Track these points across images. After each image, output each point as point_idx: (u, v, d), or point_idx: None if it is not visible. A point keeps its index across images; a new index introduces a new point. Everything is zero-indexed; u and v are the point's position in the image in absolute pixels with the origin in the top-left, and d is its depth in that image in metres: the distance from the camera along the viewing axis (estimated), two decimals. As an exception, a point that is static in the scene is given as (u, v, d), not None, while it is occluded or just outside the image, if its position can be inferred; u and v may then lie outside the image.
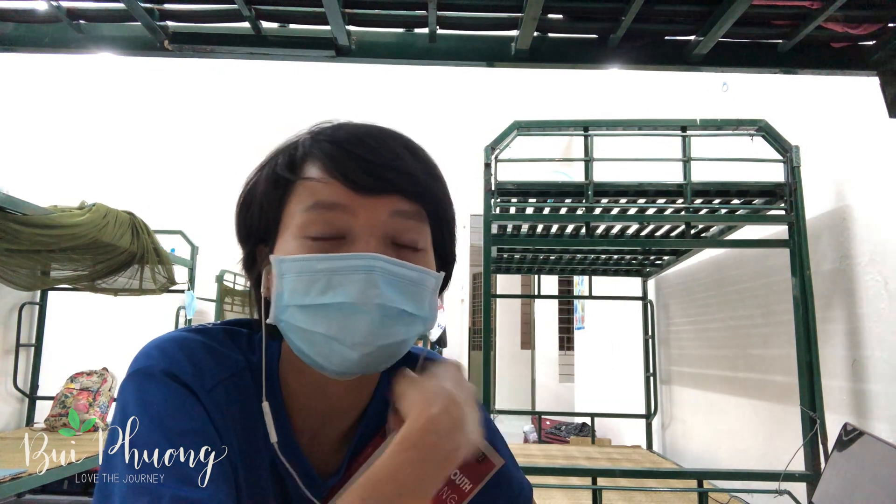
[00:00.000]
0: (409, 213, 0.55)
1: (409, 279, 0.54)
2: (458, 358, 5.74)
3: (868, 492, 1.14)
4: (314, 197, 0.54)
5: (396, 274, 0.53)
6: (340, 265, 0.52)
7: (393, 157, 0.55)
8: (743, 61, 1.51)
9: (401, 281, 0.53)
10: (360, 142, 0.55)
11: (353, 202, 0.53)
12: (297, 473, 0.57)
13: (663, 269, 3.50)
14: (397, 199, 0.54)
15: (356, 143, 0.55)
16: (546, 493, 2.34)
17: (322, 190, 0.54)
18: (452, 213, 0.61)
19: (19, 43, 1.49)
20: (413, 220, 0.55)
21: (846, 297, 1.96)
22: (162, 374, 0.52)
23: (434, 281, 0.57)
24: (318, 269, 0.52)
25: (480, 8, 1.40)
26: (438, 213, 0.58)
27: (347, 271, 0.51)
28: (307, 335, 0.53)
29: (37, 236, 2.48)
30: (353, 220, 0.53)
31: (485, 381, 2.12)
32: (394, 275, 0.52)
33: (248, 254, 0.60)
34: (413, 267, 0.54)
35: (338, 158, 0.54)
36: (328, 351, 0.53)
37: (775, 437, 2.34)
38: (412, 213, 0.55)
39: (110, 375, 3.38)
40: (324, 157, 0.55)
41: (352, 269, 0.51)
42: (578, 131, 2.16)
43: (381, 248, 0.53)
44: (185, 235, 4.01)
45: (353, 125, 0.58)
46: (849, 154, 1.99)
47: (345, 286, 0.51)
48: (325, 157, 0.54)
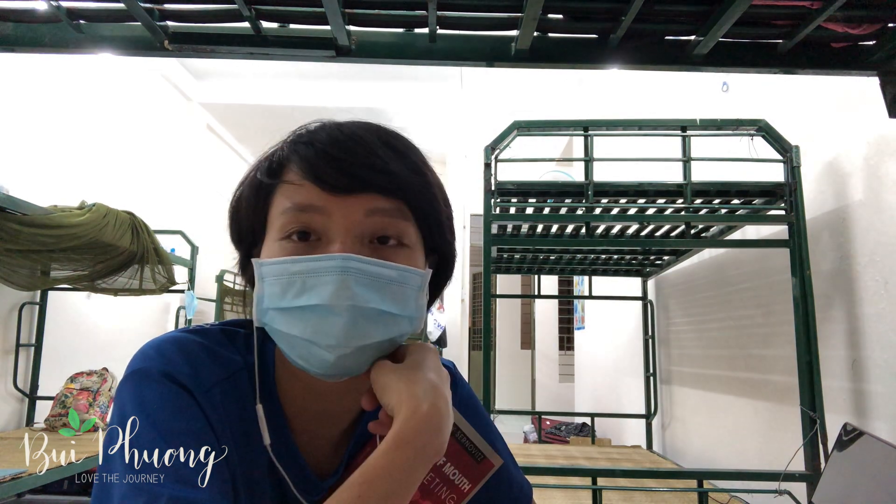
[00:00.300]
0: (388, 210, 0.54)
1: (388, 278, 0.53)
2: (458, 358, 5.73)
3: (868, 492, 1.14)
4: (291, 200, 0.54)
5: (372, 274, 0.52)
6: (314, 266, 0.52)
7: (368, 154, 0.54)
8: (743, 61, 1.50)
9: (377, 281, 0.52)
10: (334, 142, 0.55)
11: (328, 203, 0.53)
12: (294, 474, 0.57)
13: (663, 269, 3.50)
14: (374, 196, 0.54)
15: (331, 143, 0.55)
16: (546, 493, 2.34)
17: (297, 192, 0.54)
18: (439, 207, 0.59)
19: (19, 43, 1.48)
20: (393, 218, 0.55)
21: (846, 297, 1.96)
22: (160, 375, 0.53)
23: (419, 279, 0.56)
24: (293, 272, 0.52)
25: (480, 8, 1.40)
26: (422, 209, 0.57)
27: (320, 272, 0.51)
28: (287, 338, 0.54)
29: (37, 236, 2.48)
30: (328, 221, 0.53)
31: (485, 381, 2.12)
32: (370, 275, 0.52)
33: (242, 257, 0.61)
34: (392, 265, 0.54)
35: (311, 160, 0.54)
36: (306, 353, 0.53)
37: (775, 437, 2.33)
38: (391, 210, 0.55)
39: (110, 375, 3.38)
40: (299, 160, 0.55)
41: (324, 271, 0.51)
42: (578, 131, 2.16)
43: (358, 247, 0.53)
44: (185, 235, 4.02)
45: (334, 125, 0.57)
46: (849, 154, 1.99)
47: (318, 288, 0.51)
48: (300, 160, 0.55)
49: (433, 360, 0.56)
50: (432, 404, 0.50)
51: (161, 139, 5.00)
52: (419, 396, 0.50)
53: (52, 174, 3.58)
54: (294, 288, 0.52)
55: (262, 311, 0.54)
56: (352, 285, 0.51)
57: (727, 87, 2.79)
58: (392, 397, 0.51)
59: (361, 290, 0.51)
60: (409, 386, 0.51)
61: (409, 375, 0.52)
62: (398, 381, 0.52)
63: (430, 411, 0.49)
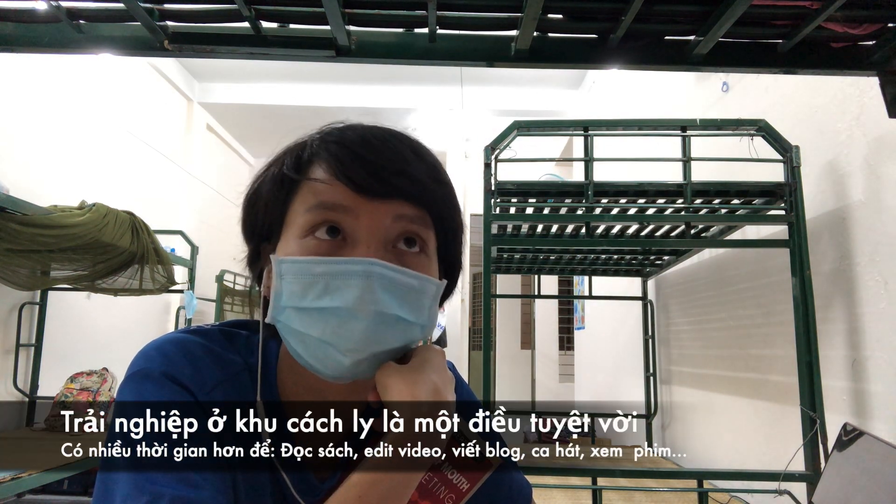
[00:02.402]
0: (414, 217, 0.54)
1: (409, 286, 0.53)
2: (458, 358, 5.73)
3: (868, 492, 1.14)
4: (318, 198, 0.53)
5: (395, 280, 0.52)
6: (339, 269, 0.51)
7: (399, 160, 0.54)
8: (743, 61, 1.50)
9: (400, 288, 0.52)
10: (366, 144, 0.54)
11: (357, 205, 0.53)
12: (293, 475, 0.57)
13: (663, 269, 3.50)
14: (402, 203, 0.54)
15: (362, 145, 0.54)
16: (546, 493, 2.34)
17: (326, 191, 0.53)
18: (459, 220, 0.59)
19: (19, 43, 1.48)
20: (417, 226, 0.55)
21: (846, 297, 1.96)
22: (161, 376, 0.53)
23: (435, 288, 0.56)
24: (316, 273, 0.51)
25: (480, 8, 1.40)
26: (443, 219, 0.57)
27: (345, 276, 0.51)
28: (302, 337, 0.53)
29: (37, 236, 2.48)
30: (356, 223, 0.53)
31: (485, 381, 2.12)
32: (393, 281, 0.52)
33: (252, 251, 0.60)
34: (414, 274, 0.53)
35: (343, 160, 0.53)
36: (322, 355, 0.53)
37: (775, 437, 2.33)
38: (416, 217, 0.54)
39: (110, 375, 3.38)
40: (329, 159, 0.54)
41: (350, 274, 0.51)
42: (578, 131, 2.16)
43: (382, 252, 0.53)
44: (185, 235, 4.02)
45: (362, 127, 0.57)
46: (849, 154, 1.99)
47: (342, 291, 0.51)
48: (331, 159, 0.54)
49: (437, 362, 0.55)
50: (432, 406, 0.50)
51: (161, 139, 5.00)
52: (420, 398, 0.50)
53: (52, 174, 3.58)
54: (316, 288, 0.51)
55: (279, 309, 0.54)
56: (377, 290, 0.51)
57: (727, 87, 2.79)
58: (394, 397, 0.51)
59: (385, 295, 0.51)
60: (410, 387, 0.51)
61: (412, 377, 0.52)
62: (401, 381, 0.52)
63: (429, 412, 0.49)
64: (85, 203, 2.85)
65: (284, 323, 0.54)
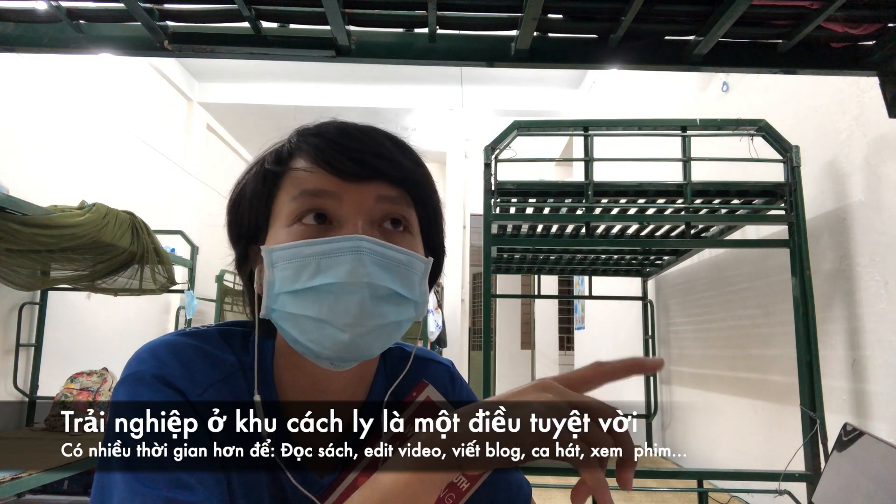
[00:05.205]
0: (395, 198, 0.56)
1: (398, 260, 0.55)
2: (458, 358, 5.72)
3: (868, 492, 1.14)
4: (301, 186, 0.55)
5: (384, 255, 0.54)
6: (329, 248, 0.53)
7: (376, 145, 0.57)
8: (743, 61, 1.51)
9: (389, 262, 0.54)
10: (344, 133, 0.57)
11: (339, 188, 0.55)
12: (293, 472, 0.57)
13: (663, 269, 3.50)
14: (382, 184, 0.56)
15: (340, 134, 0.57)
16: (546, 493, 2.34)
17: (309, 179, 0.55)
18: (438, 200, 0.62)
19: (19, 43, 1.48)
20: (399, 205, 0.57)
21: (846, 297, 1.96)
22: (153, 379, 0.53)
23: (423, 265, 0.57)
24: (306, 255, 0.53)
25: (480, 8, 1.40)
26: (423, 199, 0.59)
27: (336, 253, 0.52)
28: (298, 321, 0.54)
29: (37, 236, 2.48)
30: (340, 206, 0.55)
31: (485, 381, 2.12)
32: (382, 255, 0.53)
33: (239, 254, 0.61)
34: (401, 249, 0.55)
35: (323, 149, 0.55)
36: (319, 335, 0.53)
37: (775, 437, 2.33)
38: (398, 198, 0.56)
39: (110, 375, 3.38)
40: (309, 150, 0.56)
41: (340, 251, 0.52)
42: (578, 131, 2.16)
43: (369, 230, 0.54)
44: (185, 235, 4.02)
45: (339, 122, 0.59)
46: (849, 154, 1.99)
47: (333, 268, 0.52)
48: (312, 149, 0.56)
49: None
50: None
51: (161, 139, 5.00)
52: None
53: (52, 174, 3.58)
54: (308, 270, 0.53)
55: (273, 298, 0.54)
56: (367, 264, 0.52)
57: (727, 87, 2.79)
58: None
59: (376, 269, 0.53)
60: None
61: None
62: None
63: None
64: (85, 203, 2.85)
65: (280, 310, 0.54)
